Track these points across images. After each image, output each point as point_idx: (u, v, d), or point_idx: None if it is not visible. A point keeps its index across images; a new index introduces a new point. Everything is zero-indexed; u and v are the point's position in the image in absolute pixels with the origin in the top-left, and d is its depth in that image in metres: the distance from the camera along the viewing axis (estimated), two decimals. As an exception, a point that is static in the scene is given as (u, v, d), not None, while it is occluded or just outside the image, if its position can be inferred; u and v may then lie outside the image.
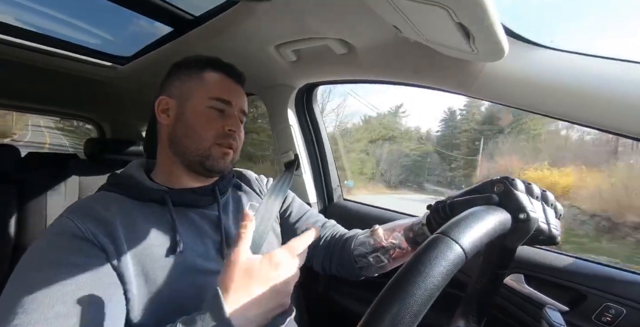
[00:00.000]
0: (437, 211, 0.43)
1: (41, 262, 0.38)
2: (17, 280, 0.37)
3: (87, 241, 0.41)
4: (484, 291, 0.39)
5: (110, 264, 0.41)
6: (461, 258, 0.24)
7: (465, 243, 0.25)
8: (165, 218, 0.49)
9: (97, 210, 0.45)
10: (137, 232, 0.45)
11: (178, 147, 0.53)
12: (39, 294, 0.34)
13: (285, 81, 0.96)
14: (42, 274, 0.36)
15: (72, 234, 0.41)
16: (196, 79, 0.54)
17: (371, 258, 0.54)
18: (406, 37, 0.57)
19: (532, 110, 0.54)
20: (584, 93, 0.47)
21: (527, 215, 0.33)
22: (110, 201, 0.48)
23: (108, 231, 0.43)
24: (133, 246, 0.44)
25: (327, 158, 1.08)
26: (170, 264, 0.45)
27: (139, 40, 0.95)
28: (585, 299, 0.55)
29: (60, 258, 0.38)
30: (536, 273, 0.61)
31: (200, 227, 0.51)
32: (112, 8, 0.73)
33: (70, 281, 0.36)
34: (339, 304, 0.91)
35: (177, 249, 0.46)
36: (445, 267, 0.23)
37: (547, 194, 0.37)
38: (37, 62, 0.95)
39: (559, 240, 0.36)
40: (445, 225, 0.27)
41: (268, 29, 0.71)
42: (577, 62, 0.49)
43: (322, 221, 0.68)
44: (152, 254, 0.45)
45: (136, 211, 0.47)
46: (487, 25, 0.40)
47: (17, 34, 0.84)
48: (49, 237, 0.41)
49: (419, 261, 0.23)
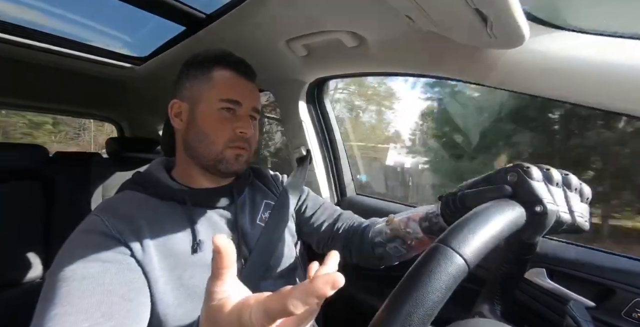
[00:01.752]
0: (447, 204, 0.41)
1: (73, 257, 0.40)
2: (54, 275, 0.39)
3: (114, 239, 0.43)
4: (508, 274, 0.37)
5: (135, 259, 0.43)
6: (462, 270, 0.23)
7: (467, 253, 0.23)
8: (186, 217, 0.51)
9: (123, 209, 0.47)
10: (161, 230, 0.47)
11: (192, 152, 0.54)
12: (71, 287, 0.37)
13: (296, 76, 0.96)
14: (73, 269, 0.39)
15: (100, 232, 0.44)
16: (205, 79, 0.54)
17: (389, 248, 0.53)
18: (419, 26, 0.56)
19: (558, 98, 0.52)
20: (615, 78, 0.44)
21: (543, 207, 0.30)
22: (136, 200, 0.50)
23: (134, 229, 0.45)
24: (158, 243, 0.46)
25: (339, 153, 1.08)
26: (191, 261, 0.47)
27: (154, 41, 0.98)
28: (613, 295, 0.52)
29: (89, 254, 0.41)
30: (559, 267, 0.59)
31: (218, 227, 0.53)
32: (128, 9, 0.75)
33: (98, 275, 0.39)
34: (351, 296, 0.91)
35: (198, 248, 0.48)
36: (445, 282, 0.22)
37: (569, 177, 0.34)
38: (59, 64, 0.99)
39: (587, 227, 0.33)
40: (445, 232, 0.25)
41: (278, 24, 0.71)
42: (606, 44, 0.46)
43: (338, 212, 0.68)
44: (175, 250, 0.47)
45: (159, 209, 0.50)
46: (506, 10, 0.38)
47: (40, 37, 0.88)
48: (79, 235, 0.44)
49: (417, 276, 0.22)
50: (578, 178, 0.35)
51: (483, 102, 2.23)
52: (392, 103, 6.32)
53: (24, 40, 0.86)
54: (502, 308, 0.38)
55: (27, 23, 0.86)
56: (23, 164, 0.97)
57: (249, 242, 0.56)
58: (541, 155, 1.72)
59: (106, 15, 1.02)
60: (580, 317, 0.37)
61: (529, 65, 0.52)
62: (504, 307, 0.38)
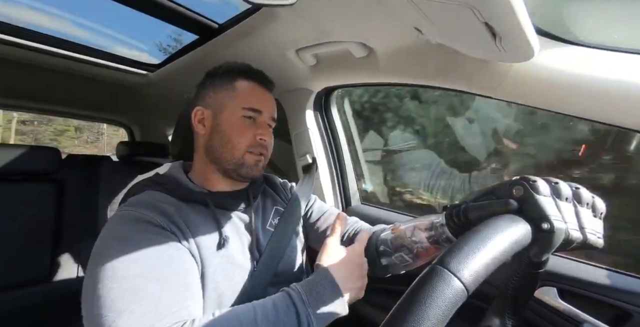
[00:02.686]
0: (451, 216, 0.40)
1: (123, 243, 0.42)
2: (110, 269, 0.39)
3: (158, 226, 0.45)
4: (520, 285, 0.35)
5: (181, 243, 0.46)
6: (461, 295, 0.21)
7: (466, 276, 0.22)
8: (210, 217, 0.53)
9: (156, 204, 0.49)
10: (191, 225, 0.49)
11: (214, 156, 0.57)
12: (131, 268, 0.39)
13: (304, 85, 0.97)
14: (129, 257, 0.40)
15: (144, 220, 0.45)
16: (229, 89, 0.57)
17: (394, 258, 0.53)
18: (428, 39, 0.56)
19: (565, 112, 0.51)
20: (623, 94, 0.44)
21: (550, 225, 0.28)
22: (163, 198, 0.52)
23: (172, 221, 0.47)
24: (192, 235, 0.48)
25: (344, 162, 1.07)
26: (218, 257, 0.49)
27: (167, 48, 1.01)
28: (630, 318, 0.50)
29: (146, 246, 0.42)
30: (571, 287, 0.56)
31: (237, 227, 0.56)
32: (144, 18, 0.78)
33: (157, 256, 0.41)
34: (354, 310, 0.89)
35: (225, 244, 0.51)
36: (442, 308, 0.21)
37: (580, 192, 0.32)
38: (78, 71, 1.03)
39: (600, 244, 0.31)
40: (444, 252, 0.24)
41: (289, 34, 0.72)
42: (614, 60, 0.46)
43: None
44: (205, 245, 0.49)
45: (186, 208, 0.52)
46: (516, 24, 0.38)
47: (58, 44, 0.92)
48: (117, 226, 0.45)
49: (413, 300, 0.21)
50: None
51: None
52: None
53: (44, 47, 0.90)
54: (514, 323, 0.36)
55: (47, 30, 0.91)
56: (36, 166, 0.99)
57: (260, 246, 0.58)
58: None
59: (123, 24, 1.09)
60: None
61: (537, 79, 0.52)
62: (515, 322, 0.36)
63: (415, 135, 1.39)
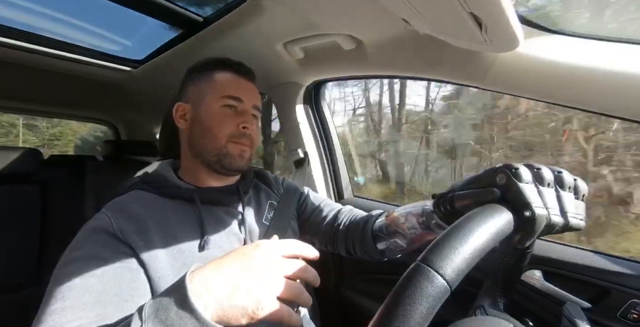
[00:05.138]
0: (438, 205, 0.41)
1: (76, 254, 0.42)
2: (59, 269, 0.41)
3: (116, 238, 0.44)
4: (510, 266, 0.36)
5: (137, 259, 0.44)
6: (444, 291, 0.22)
7: (449, 272, 0.22)
8: (195, 215, 0.52)
9: (132, 208, 0.48)
10: (169, 228, 0.48)
11: (196, 149, 0.55)
12: (72, 283, 0.38)
13: (293, 79, 0.97)
14: (75, 266, 0.40)
15: (104, 230, 0.44)
16: (207, 80, 0.56)
17: (389, 243, 0.54)
18: (415, 29, 0.56)
19: (550, 101, 0.52)
20: (607, 81, 0.45)
21: (531, 212, 0.29)
22: (144, 199, 0.51)
23: (140, 227, 0.46)
24: (165, 241, 0.47)
25: (336, 155, 1.08)
26: (198, 260, 0.47)
27: (151, 43, 0.98)
28: (609, 296, 0.53)
29: (91, 252, 0.42)
30: (555, 269, 0.59)
31: (225, 225, 0.54)
32: (125, 12, 0.75)
33: (97, 273, 0.39)
34: (349, 300, 0.91)
35: (205, 245, 0.49)
36: (425, 306, 0.21)
37: (562, 176, 0.32)
38: (56, 67, 0.99)
39: (582, 226, 0.32)
40: (427, 249, 0.25)
41: (276, 27, 0.71)
42: (598, 48, 0.47)
43: (338, 207, 0.69)
44: (182, 249, 0.48)
45: (168, 208, 0.51)
46: (500, 14, 0.39)
47: (35, 40, 0.88)
48: (86, 232, 0.45)
49: (398, 299, 0.22)
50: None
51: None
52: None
53: (20, 43, 0.86)
54: (506, 301, 0.37)
55: (23, 26, 0.86)
56: (18, 168, 0.96)
57: (255, 240, 0.56)
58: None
59: (103, 18, 1.02)
60: (577, 318, 0.37)
61: (522, 68, 0.53)
62: (507, 301, 0.37)
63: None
